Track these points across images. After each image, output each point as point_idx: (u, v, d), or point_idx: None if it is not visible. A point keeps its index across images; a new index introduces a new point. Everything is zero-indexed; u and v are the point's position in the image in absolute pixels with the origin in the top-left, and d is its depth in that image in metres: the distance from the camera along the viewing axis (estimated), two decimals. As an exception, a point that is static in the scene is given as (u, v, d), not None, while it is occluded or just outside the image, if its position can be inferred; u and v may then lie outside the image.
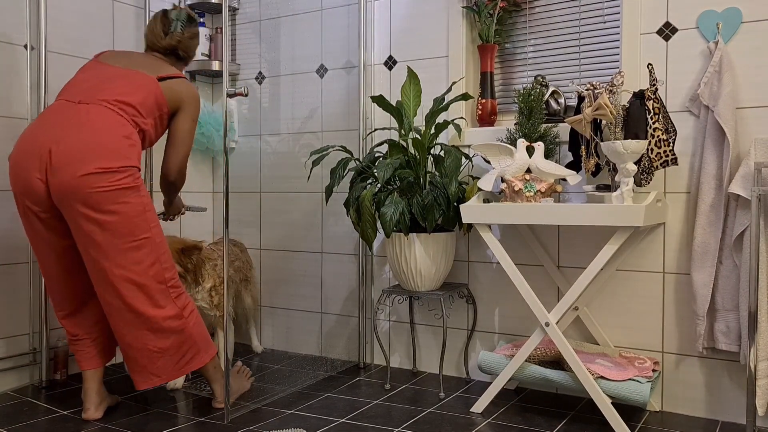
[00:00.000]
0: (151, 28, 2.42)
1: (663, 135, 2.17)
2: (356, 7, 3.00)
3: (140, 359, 2.17)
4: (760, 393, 2.04)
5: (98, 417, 2.26)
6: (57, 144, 2.06)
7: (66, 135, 2.08)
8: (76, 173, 2.03)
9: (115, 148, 2.09)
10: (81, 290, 2.27)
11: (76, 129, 2.08)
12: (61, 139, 2.07)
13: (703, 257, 2.22)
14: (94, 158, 2.05)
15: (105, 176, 2.05)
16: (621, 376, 2.14)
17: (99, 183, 2.04)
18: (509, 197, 2.29)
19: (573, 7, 2.62)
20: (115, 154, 2.08)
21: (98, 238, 2.06)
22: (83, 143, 2.06)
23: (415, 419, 2.27)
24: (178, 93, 2.31)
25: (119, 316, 2.13)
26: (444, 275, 2.59)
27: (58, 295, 2.27)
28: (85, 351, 2.30)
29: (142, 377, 2.19)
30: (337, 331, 3.11)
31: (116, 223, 2.07)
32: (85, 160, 2.04)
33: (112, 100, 2.17)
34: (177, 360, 2.21)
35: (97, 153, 2.06)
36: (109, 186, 2.05)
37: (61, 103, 2.18)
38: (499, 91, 2.80)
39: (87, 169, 2.03)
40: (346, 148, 2.69)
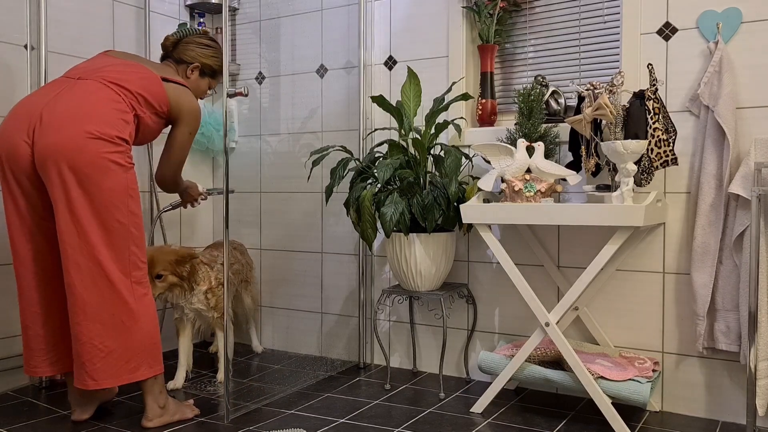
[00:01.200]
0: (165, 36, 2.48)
1: (663, 135, 2.17)
2: (356, 7, 3.00)
3: (82, 355, 2.03)
4: (760, 393, 2.04)
5: (85, 418, 2.22)
6: (48, 107, 2.04)
7: (59, 101, 2.05)
8: (65, 134, 1.98)
9: (108, 119, 2.05)
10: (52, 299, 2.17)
11: (69, 96, 2.07)
12: (53, 104, 2.05)
13: (703, 257, 2.22)
14: (86, 122, 2.01)
15: (95, 142, 2.00)
16: (621, 376, 2.14)
17: (87, 147, 1.99)
18: (509, 197, 2.29)
19: (573, 7, 2.62)
20: (108, 124, 2.04)
21: (75, 208, 1.99)
22: (76, 107, 2.03)
23: (415, 419, 2.27)
24: (178, 100, 2.29)
25: (75, 300, 2.01)
26: (444, 275, 2.59)
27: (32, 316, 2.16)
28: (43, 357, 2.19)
29: (80, 376, 2.05)
30: (337, 331, 3.11)
31: (95, 196, 2.00)
32: (75, 122, 2.00)
33: (111, 78, 2.15)
34: (119, 367, 2.05)
35: (90, 117, 2.02)
36: (96, 154, 2.00)
37: (60, 79, 2.18)
38: (499, 91, 2.80)
39: (76, 131, 1.99)
40: (346, 148, 2.69)
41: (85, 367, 2.03)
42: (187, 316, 2.66)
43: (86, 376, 2.03)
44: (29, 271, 2.15)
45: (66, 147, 1.98)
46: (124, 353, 2.06)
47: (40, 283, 2.16)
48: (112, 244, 2.04)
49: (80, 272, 2.02)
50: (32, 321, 2.17)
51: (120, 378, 2.06)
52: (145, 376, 2.10)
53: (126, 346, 2.06)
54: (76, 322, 2.03)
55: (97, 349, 2.02)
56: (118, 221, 2.04)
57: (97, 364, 2.03)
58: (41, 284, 2.16)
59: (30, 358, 2.19)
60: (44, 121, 2.01)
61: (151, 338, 2.11)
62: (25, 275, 2.15)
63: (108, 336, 2.03)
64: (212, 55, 2.48)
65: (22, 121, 2.05)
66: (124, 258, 2.06)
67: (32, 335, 2.18)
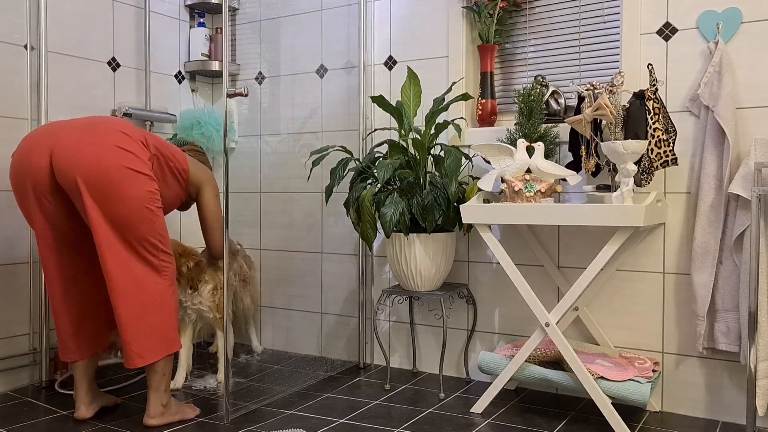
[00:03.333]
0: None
1: (663, 135, 2.17)
2: (356, 7, 3.00)
3: (127, 336, 2.12)
4: (760, 393, 2.04)
5: (88, 416, 2.25)
6: (66, 125, 2.15)
7: (76, 122, 2.18)
8: (83, 145, 2.07)
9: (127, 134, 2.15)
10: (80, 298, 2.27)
11: (85, 119, 2.20)
12: (71, 123, 2.17)
13: (703, 257, 2.22)
14: (104, 135, 2.11)
15: (115, 151, 2.09)
16: (621, 377, 2.14)
17: (107, 156, 2.07)
18: (509, 197, 2.29)
19: (573, 7, 2.62)
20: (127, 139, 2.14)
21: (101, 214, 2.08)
22: (93, 123, 2.16)
23: (415, 419, 2.27)
24: (198, 167, 2.50)
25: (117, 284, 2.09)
26: (444, 275, 2.59)
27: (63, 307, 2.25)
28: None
29: (128, 357, 2.13)
30: (337, 332, 3.11)
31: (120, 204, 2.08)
32: (93, 135, 2.10)
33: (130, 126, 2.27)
34: (159, 342, 2.15)
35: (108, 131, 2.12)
36: (115, 162, 2.08)
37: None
38: (499, 91, 2.80)
39: (95, 141, 2.08)
40: (346, 148, 2.69)
41: (131, 347, 2.12)
42: (189, 317, 2.66)
43: (133, 355, 2.13)
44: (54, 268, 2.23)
45: (85, 158, 2.06)
46: (161, 326, 2.17)
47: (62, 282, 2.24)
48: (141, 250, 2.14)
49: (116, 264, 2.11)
50: (55, 316, 2.27)
51: (161, 351, 2.17)
52: (176, 348, 2.22)
53: (163, 321, 2.17)
54: (117, 305, 2.11)
55: (140, 329, 2.12)
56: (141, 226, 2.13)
57: (143, 342, 2.13)
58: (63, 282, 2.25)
59: (59, 346, 2.30)
60: (61, 136, 2.11)
61: (176, 313, 2.24)
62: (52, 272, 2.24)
63: (148, 314, 2.14)
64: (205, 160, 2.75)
65: (40, 139, 2.14)
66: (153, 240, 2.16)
67: (58, 326, 2.27)
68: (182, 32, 3.33)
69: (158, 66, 3.21)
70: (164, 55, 3.24)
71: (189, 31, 3.35)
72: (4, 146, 2.61)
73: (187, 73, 3.35)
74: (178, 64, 3.32)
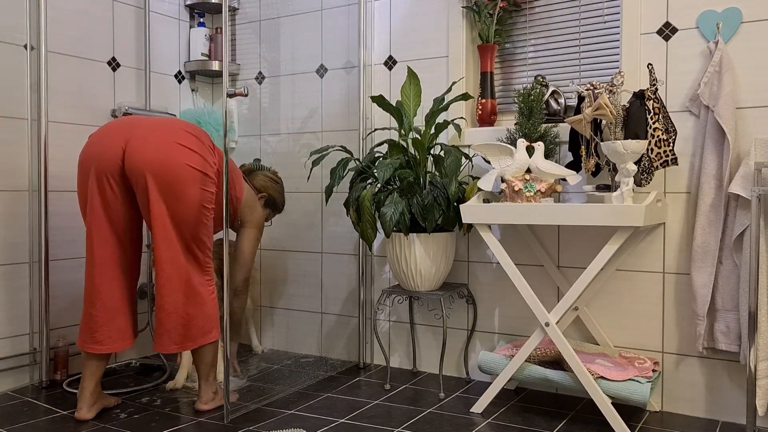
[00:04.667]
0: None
1: (663, 135, 2.17)
2: (356, 7, 3.00)
3: (167, 323, 2.22)
4: (760, 393, 2.04)
5: (89, 417, 2.25)
6: (144, 123, 2.26)
7: (153, 121, 2.29)
8: (154, 142, 2.17)
9: (198, 138, 2.26)
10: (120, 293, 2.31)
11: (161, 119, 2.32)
12: (146, 120, 2.29)
13: (703, 257, 2.22)
14: (175, 134, 2.21)
15: (182, 151, 2.18)
16: (621, 376, 2.14)
17: (174, 156, 2.16)
18: (509, 197, 2.29)
19: (573, 7, 2.62)
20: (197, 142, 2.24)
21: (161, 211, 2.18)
22: (168, 122, 2.27)
23: (415, 419, 2.27)
24: (252, 198, 2.59)
25: (165, 272, 2.20)
26: (444, 275, 2.59)
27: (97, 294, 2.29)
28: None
29: (163, 341, 2.24)
30: (337, 332, 3.11)
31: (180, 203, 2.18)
32: (166, 133, 2.20)
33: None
34: (196, 330, 2.25)
35: (180, 130, 2.23)
36: (180, 162, 2.17)
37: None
38: (499, 91, 2.80)
39: (166, 140, 2.18)
40: (346, 148, 2.69)
41: (171, 334, 2.24)
42: None
43: (170, 342, 2.24)
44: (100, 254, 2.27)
45: (156, 155, 2.16)
46: (201, 318, 2.26)
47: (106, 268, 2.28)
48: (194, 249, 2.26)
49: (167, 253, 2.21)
50: (89, 304, 2.29)
51: (196, 341, 2.27)
52: (216, 338, 2.32)
53: (204, 313, 2.27)
54: (163, 294, 2.22)
55: (181, 318, 2.23)
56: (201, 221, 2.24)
57: (181, 330, 2.24)
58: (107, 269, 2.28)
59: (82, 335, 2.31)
60: (137, 130, 2.22)
61: (216, 308, 2.33)
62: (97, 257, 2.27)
63: (190, 305, 2.24)
64: (279, 191, 2.83)
65: (119, 128, 2.24)
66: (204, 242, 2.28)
67: (86, 315, 2.30)
68: (182, 32, 3.33)
69: (158, 66, 3.21)
70: (164, 55, 3.24)
71: (189, 31, 3.35)
72: (4, 146, 2.61)
73: (187, 73, 3.35)
74: (178, 64, 3.32)
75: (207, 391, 2.34)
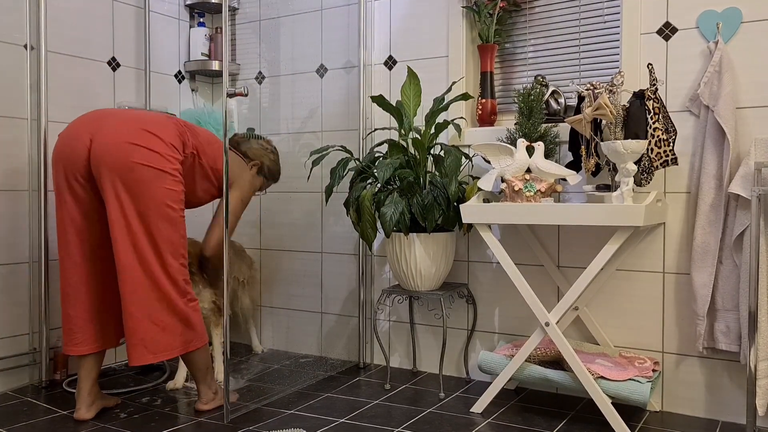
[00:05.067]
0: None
1: (663, 135, 2.17)
2: (356, 7, 3.00)
3: (139, 331, 2.13)
4: (760, 393, 2.04)
5: (89, 417, 2.24)
6: (112, 114, 2.22)
7: (122, 111, 2.25)
8: (117, 139, 2.13)
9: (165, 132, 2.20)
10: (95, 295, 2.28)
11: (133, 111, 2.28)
12: (117, 112, 2.25)
13: (703, 257, 2.22)
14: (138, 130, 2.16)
15: (139, 150, 2.13)
16: (621, 376, 2.14)
17: (133, 154, 2.12)
18: (509, 197, 2.29)
19: (573, 7, 2.62)
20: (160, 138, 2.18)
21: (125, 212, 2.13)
22: (135, 116, 2.21)
23: (415, 419, 2.27)
24: (236, 167, 2.52)
25: (130, 278, 2.13)
26: (444, 275, 2.59)
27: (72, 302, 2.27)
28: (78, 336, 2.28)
29: (138, 352, 2.14)
30: (337, 331, 3.11)
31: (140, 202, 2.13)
32: (129, 129, 2.15)
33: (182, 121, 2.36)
34: (175, 338, 2.18)
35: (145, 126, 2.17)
36: (141, 160, 2.12)
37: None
38: (499, 91, 2.80)
39: (128, 137, 2.13)
40: (346, 148, 2.69)
41: (144, 342, 2.14)
42: None
43: (145, 351, 2.14)
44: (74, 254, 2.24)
45: (114, 153, 2.12)
46: (177, 326, 2.19)
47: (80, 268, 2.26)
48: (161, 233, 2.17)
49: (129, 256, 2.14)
50: (66, 304, 2.27)
51: (175, 350, 2.19)
52: (197, 346, 2.25)
53: (179, 321, 2.20)
54: (129, 300, 2.14)
55: (153, 325, 2.14)
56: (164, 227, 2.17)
57: (156, 337, 2.15)
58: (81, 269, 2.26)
59: (64, 339, 2.30)
60: (102, 126, 2.17)
61: (197, 316, 2.26)
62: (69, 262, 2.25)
63: (162, 312, 2.16)
64: (273, 159, 2.71)
65: (85, 125, 2.20)
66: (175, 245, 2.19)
67: (65, 316, 2.28)
68: (182, 32, 3.33)
69: (158, 66, 3.21)
70: (164, 54, 3.24)
71: (189, 30, 3.35)
72: (4, 146, 2.61)
73: (187, 72, 3.35)
74: (178, 63, 3.32)
75: (207, 392, 2.34)
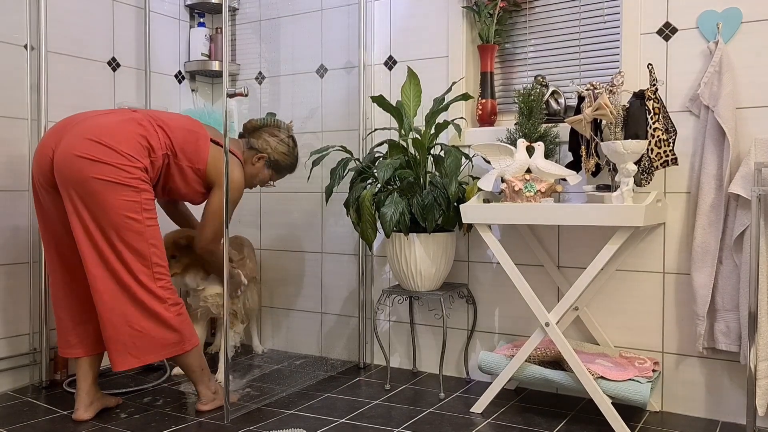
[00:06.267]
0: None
1: (663, 135, 2.17)
2: (356, 7, 3.00)
3: (120, 336, 2.11)
4: (760, 393, 2.04)
5: (87, 417, 2.24)
6: (77, 125, 2.16)
7: (88, 120, 2.17)
8: (71, 151, 2.09)
9: (122, 143, 2.13)
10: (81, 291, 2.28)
11: (100, 118, 2.19)
12: (83, 122, 2.17)
13: (703, 257, 2.22)
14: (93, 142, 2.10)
15: (89, 163, 2.07)
16: (621, 376, 2.14)
17: (85, 166, 2.07)
18: (509, 197, 2.29)
19: (573, 7, 2.62)
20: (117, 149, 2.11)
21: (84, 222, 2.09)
22: (93, 127, 2.13)
23: (415, 419, 2.27)
24: (217, 164, 2.35)
25: (102, 288, 2.10)
26: (444, 275, 2.59)
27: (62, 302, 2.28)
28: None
29: (121, 357, 2.12)
30: (337, 332, 3.11)
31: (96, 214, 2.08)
32: (85, 140, 2.09)
33: (154, 117, 2.27)
34: (157, 342, 2.15)
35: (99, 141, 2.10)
36: (93, 176, 2.07)
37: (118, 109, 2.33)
38: (499, 91, 2.80)
39: (82, 150, 2.08)
40: (346, 148, 2.69)
41: (127, 346, 2.11)
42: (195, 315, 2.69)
43: (127, 355, 2.11)
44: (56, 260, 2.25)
45: (69, 166, 2.08)
46: (160, 330, 2.15)
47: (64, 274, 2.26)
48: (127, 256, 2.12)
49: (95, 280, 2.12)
50: (56, 307, 2.29)
51: (160, 353, 2.16)
52: (184, 350, 2.21)
53: (160, 325, 2.15)
54: (106, 309, 2.11)
55: (133, 330, 2.11)
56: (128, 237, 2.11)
57: (137, 342, 2.12)
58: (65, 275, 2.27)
59: (58, 341, 2.32)
60: (63, 137, 2.13)
61: (180, 318, 2.20)
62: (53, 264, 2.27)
63: (141, 317, 2.12)
64: (283, 152, 2.58)
65: (51, 135, 2.18)
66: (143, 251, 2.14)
67: (57, 319, 2.30)
68: (182, 32, 3.33)
69: (158, 66, 3.21)
70: (164, 55, 3.24)
71: (189, 31, 3.35)
72: (4, 146, 2.61)
73: (187, 73, 3.35)
74: (178, 64, 3.32)
75: (206, 392, 2.34)
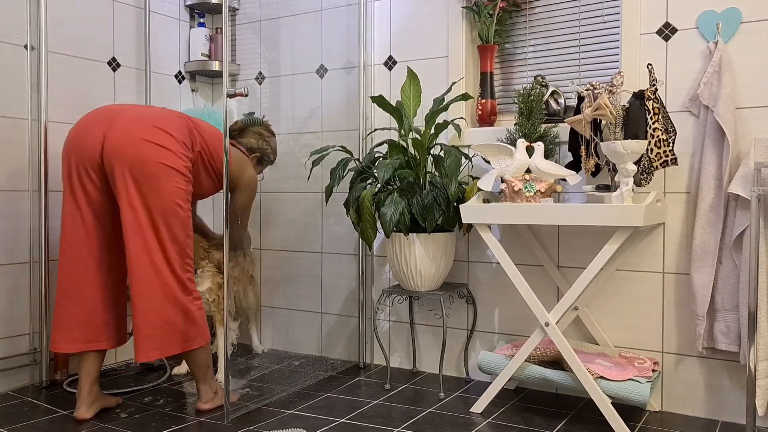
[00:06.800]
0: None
1: (663, 135, 2.17)
2: (356, 7, 3.00)
3: (148, 326, 2.18)
4: (760, 393, 2.04)
5: (88, 417, 2.25)
6: (123, 114, 2.24)
7: (133, 107, 2.30)
8: (129, 135, 2.17)
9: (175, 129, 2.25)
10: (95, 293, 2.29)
11: (144, 107, 2.33)
12: (128, 108, 2.28)
13: (703, 257, 2.22)
14: (150, 127, 2.20)
15: (152, 147, 2.17)
16: (621, 376, 2.15)
17: (146, 151, 2.16)
18: (509, 197, 2.29)
19: (573, 7, 2.62)
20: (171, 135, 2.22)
21: (135, 208, 2.17)
22: (147, 113, 2.26)
23: (415, 419, 2.27)
24: (240, 165, 2.56)
25: (140, 273, 2.17)
26: (444, 275, 2.59)
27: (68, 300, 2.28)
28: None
29: (145, 348, 2.18)
30: (337, 331, 3.11)
31: (150, 199, 2.17)
32: (141, 126, 2.20)
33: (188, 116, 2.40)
34: (182, 335, 2.22)
35: (156, 123, 2.22)
36: (153, 158, 2.17)
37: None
38: (499, 91, 2.80)
39: (140, 134, 2.18)
40: (346, 148, 2.69)
41: (151, 339, 2.18)
42: None
43: (151, 347, 2.18)
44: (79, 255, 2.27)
45: (128, 150, 2.16)
46: (183, 324, 2.23)
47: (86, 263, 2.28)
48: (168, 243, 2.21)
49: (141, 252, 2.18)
50: (65, 300, 2.28)
51: (181, 346, 2.23)
52: (200, 344, 2.28)
53: (185, 319, 2.23)
54: (140, 296, 2.17)
55: (161, 323, 2.19)
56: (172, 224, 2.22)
57: (162, 334, 2.19)
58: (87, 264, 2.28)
59: (56, 335, 2.30)
60: (115, 123, 2.21)
61: (200, 313, 2.29)
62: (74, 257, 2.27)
63: (170, 310, 2.20)
64: (269, 147, 2.83)
65: (98, 121, 2.24)
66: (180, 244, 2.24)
67: (62, 312, 2.28)
68: (182, 32, 3.33)
69: (158, 66, 3.21)
70: (164, 55, 3.24)
71: (189, 31, 3.35)
72: (5, 146, 2.61)
73: (187, 73, 3.35)
74: (178, 64, 3.32)
75: (207, 391, 2.34)
